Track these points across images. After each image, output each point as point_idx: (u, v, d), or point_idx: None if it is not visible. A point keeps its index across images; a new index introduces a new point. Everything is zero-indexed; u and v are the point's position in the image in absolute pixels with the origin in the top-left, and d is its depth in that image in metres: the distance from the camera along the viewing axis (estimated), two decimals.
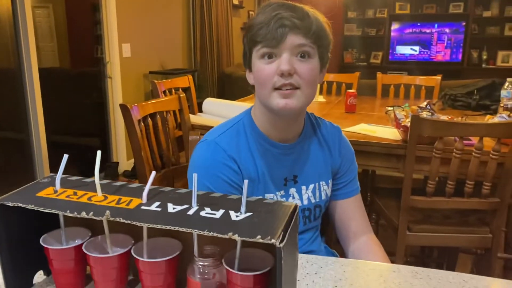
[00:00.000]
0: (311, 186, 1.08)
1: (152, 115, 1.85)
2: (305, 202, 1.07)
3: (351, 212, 1.14)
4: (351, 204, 1.14)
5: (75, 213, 0.64)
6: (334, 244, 1.79)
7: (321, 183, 1.09)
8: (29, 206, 0.66)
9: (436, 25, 6.52)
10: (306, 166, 1.07)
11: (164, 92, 2.64)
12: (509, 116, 1.83)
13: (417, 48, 6.67)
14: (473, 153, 1.59)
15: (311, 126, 1.11)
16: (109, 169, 3.80)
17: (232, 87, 4.72)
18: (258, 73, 0.96)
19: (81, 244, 0.70)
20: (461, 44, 6.40)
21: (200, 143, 1.04)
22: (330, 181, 1.11)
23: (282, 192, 1.05)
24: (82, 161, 2.46)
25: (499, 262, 2.30)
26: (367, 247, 1.09)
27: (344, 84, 3.31)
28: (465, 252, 2.15)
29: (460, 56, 6.46)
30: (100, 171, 3.64)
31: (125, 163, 4.03)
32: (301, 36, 0.92)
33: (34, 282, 0.77)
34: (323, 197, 1.10)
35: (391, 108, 2.01)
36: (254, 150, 1.02)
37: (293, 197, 1.06)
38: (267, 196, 1.03)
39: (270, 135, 1.03)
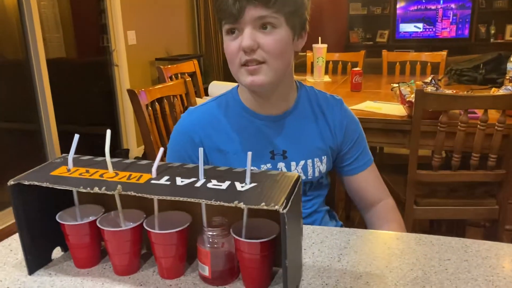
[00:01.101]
0: (302, 162, 1.03)
1: (159, 100, 1.87)
2: None
3: (366, 185, 1.11)
4: (364, 177, 1.11)
5: (88, 188, 0.67)
6: (345, 219, 1.81)
7: (314, 160, 1.04)
8: (44, 184, 0.69)
9: (441, 1, 6.43)
10: (296, 141, 1.03)
11: (171, 77, 2.66)
12: None
13: (422, 25, 6.58)
14: (478, 126, 1.60)
15: (307, 100, 1.06)
16: (120, 156, 3.86)
17: None
18: (225, 49, 0.94)
19: (95, 220, 0.74)
20: (467, 20, 6.31)
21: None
22: (325, 158, 1.06)
23: (268, 165, 1.02)
24: (93, 149, 2.51)
25: (508, 234, 2.31)
26: (382, 214, 1.10)
27: (349, 63, 3.31)
28: (472, 225, 2.17)
29: (467, 32, 6.38)
30: (111, 158, 3.69)
31: (136, 150, 4.08)
32: (261, 7, 0.86)
33: (52, 257, 0.81)
34: (316, 174, 1.05)
35: (397, 85, 2.02)
36: (233, 122, 1.02)
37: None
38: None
39: (255, 108, 1.01)
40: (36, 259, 0.77)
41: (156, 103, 1.85)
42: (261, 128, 1.02)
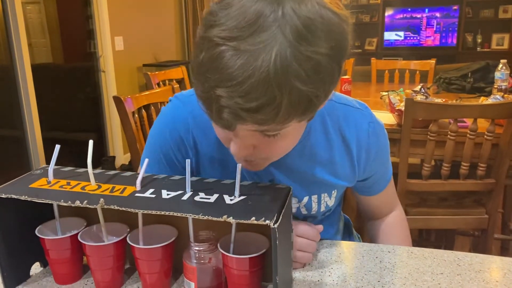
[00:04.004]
0: (306, 198, 0.84)
1: (146, 107, 1.84)
2: (293, 210, 0.85)
3: (378, 204, 0.99)
4: (378, 198, 0.96)
5: (69, 202, 0.64)
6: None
7: (322, 195, 0.85)
8: (22, 197, 0.66)
9: (426, 10, 6.51)
10: (299, 178, 0.82)
11: (158, 84, 2.63)
12: (502, 97, 1.84)
13: (405, 33, 6.66)
14: (467, 135, 1.60)
15: (321, 125, 0.80)
16: (106, 163, 3.80)
17: None
18: (214, 129, 0.68)
19: (77, 234, 0.71)
20: (451, 29, 6.40)
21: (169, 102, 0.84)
22: (335, 192, 0.86)
23: None
24: (78, 157, 2.46)
25: (497, 243, 2.32)
26: (386, 229, 0.99)
27: None
28: (462, 234, 2.17)
29: (451, 40, 6.46)
30: (97, 166, 3.62)
31: (122, 157, 4.02)
32: (258, 125, 0.56)
33: (31, 273, 0.77)
34: (322, 209, 0.87)
35: (386, 93, 2.02)
36: None
37: None
38: None
39: None
40: (14, 276, 0.73)
41: (143, 110, 1.82)
42: None
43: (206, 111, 0.58)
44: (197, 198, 0.63)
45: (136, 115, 1.75)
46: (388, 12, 6.70)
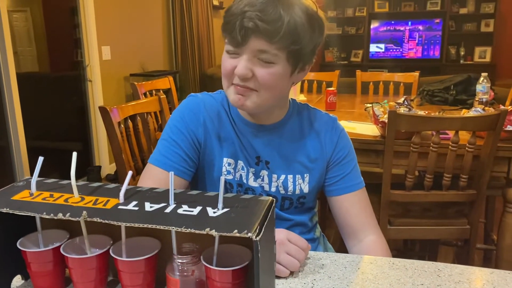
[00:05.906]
0: (283, 176, 1.02)
1: (132, 117, 1.84)
2: (273, 189, 1.03)
3: (349, 209, 1.03)
4: (348, 201, 1.03)
5: (52, 215, 0.64)
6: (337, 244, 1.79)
7: (296, 176, 1.02)
8: (4, 210, 0.65)
9: (409, 23, 6.65)
10: (279, 155, 1.02)
11: (145, 94, 2.63)
12: (483, 109, 1.88)
13: (392, 45, 6.77)
14: (449, 147, 1.63)
15: (297, 116, 1.05)
16: (92, 173, 3.77)
17: (214, 88, 4.66)
18: (222, 62, 0.93)
19: (59, 246, 0.70)
20: (433, 41, 6.55)
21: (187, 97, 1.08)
22: (307, 176, 1.03)
23: (253, 170, 1.02)
24: (64, 166, 2.44)
25: (479, 253, 2.35)
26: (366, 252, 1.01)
27: (324, 83, 3.35)
28: (445, 244, 2.20)
29: (433, 53, 6.60)
30: (82, 175, 3.57)
31: (108, 167, 3.99)
32: (264, 41, 0.85)
33: (12, 286, 0.76)
34: (297, 191, 1.03)
35: (370, 105, 2.05)
36: (229, 120, 1.03)
37: (263, 180, 1.02)
38: (240, 162, 1.02)
39: (244, 115, 1.02)
40: None
41: (129, 121, 1.81)
42: (250, 134, 1.02)
43: (229, 32, 0.86)
44: (180, 211, 0.64)
45: (122, 126, 1.75)
46: (374, 25, 6.81)
